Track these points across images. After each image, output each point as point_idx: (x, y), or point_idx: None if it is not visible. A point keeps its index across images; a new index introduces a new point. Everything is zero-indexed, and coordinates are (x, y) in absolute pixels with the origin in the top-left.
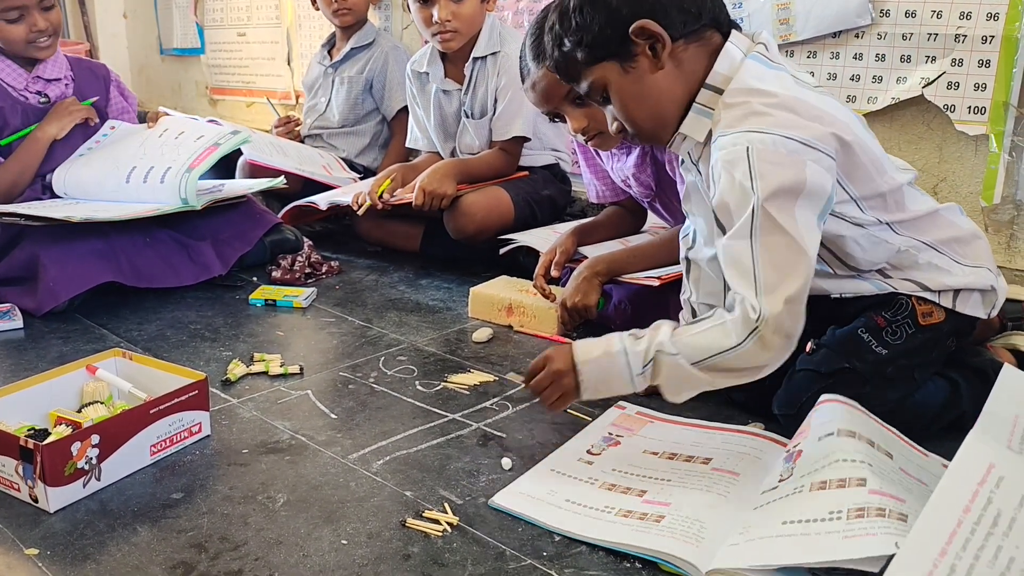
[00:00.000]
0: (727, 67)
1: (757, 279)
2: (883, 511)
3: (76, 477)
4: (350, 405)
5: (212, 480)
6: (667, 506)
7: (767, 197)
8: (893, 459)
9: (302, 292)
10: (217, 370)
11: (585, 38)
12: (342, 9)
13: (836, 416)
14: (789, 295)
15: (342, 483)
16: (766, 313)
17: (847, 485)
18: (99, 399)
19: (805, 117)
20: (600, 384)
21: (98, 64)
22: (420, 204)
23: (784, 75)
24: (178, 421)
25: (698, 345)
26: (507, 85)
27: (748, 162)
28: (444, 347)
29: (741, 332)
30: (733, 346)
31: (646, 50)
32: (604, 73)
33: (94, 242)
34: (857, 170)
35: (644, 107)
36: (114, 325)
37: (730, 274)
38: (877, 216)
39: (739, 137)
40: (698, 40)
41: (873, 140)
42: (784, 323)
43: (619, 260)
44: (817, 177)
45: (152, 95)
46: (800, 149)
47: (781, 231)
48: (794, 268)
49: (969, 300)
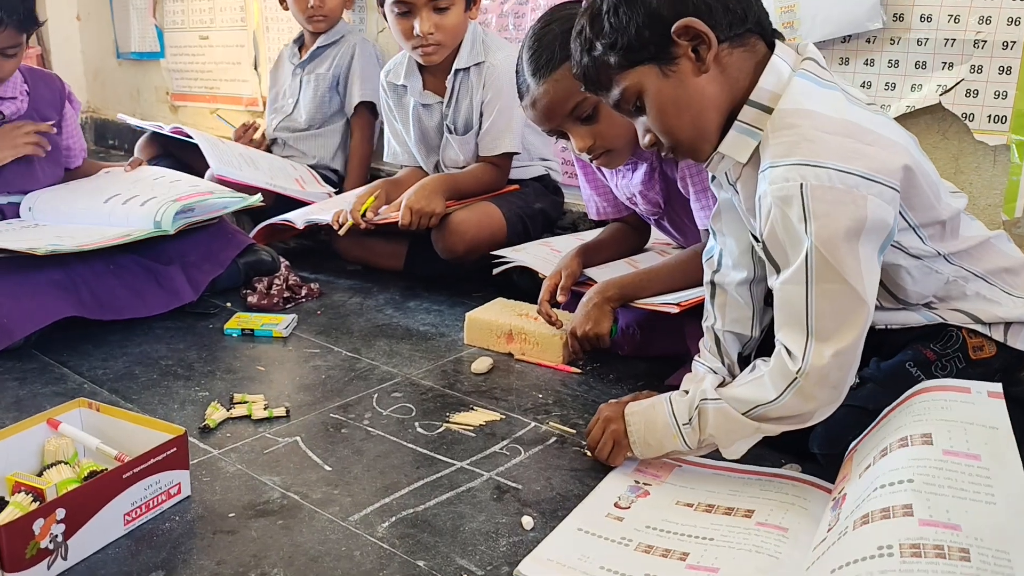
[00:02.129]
0: (774, 83)
1: (809, 328)
2: (941, 549)
3: (39, 559)
4: (345, 454)
5: (196, 552)
6: (716, 572)
7: (824, 241)
8: (933, 443)
9: (281, 319)
10: (193, 414)
11: (620, 40)
12: (317, 16)
13: (871, 444)
14: (839, 348)
15: (344, 552)
16: (807, 366)
17: (892, 515)
18: (63, 459)
19: (863, 143)
20: (649, 436)
21: (52, 75)
22: (407, 224)
23: (836, 94)
24: (155, 484)
25: (740, 397)
26: (493, 99)
27: (802, 201)
28: (441, 380)
29: (779, 385)
30: (772, 399)
31: (689, 52)
32: (640, 78)
33: (52, 272)
34: (917, 197)
35: (685, 115)
36: (76, 363)
37: (780, 318)
38: (935, 246)
39: (791, 172)
40: (742, 45)
41: (928, 162)
42: (830, 375)
43: (631, 284)
44: (878, 212)
45: (109, 101)
46: (860, 184)
47: (839, 278)
48: (851, 317)
49: (1021, 334)
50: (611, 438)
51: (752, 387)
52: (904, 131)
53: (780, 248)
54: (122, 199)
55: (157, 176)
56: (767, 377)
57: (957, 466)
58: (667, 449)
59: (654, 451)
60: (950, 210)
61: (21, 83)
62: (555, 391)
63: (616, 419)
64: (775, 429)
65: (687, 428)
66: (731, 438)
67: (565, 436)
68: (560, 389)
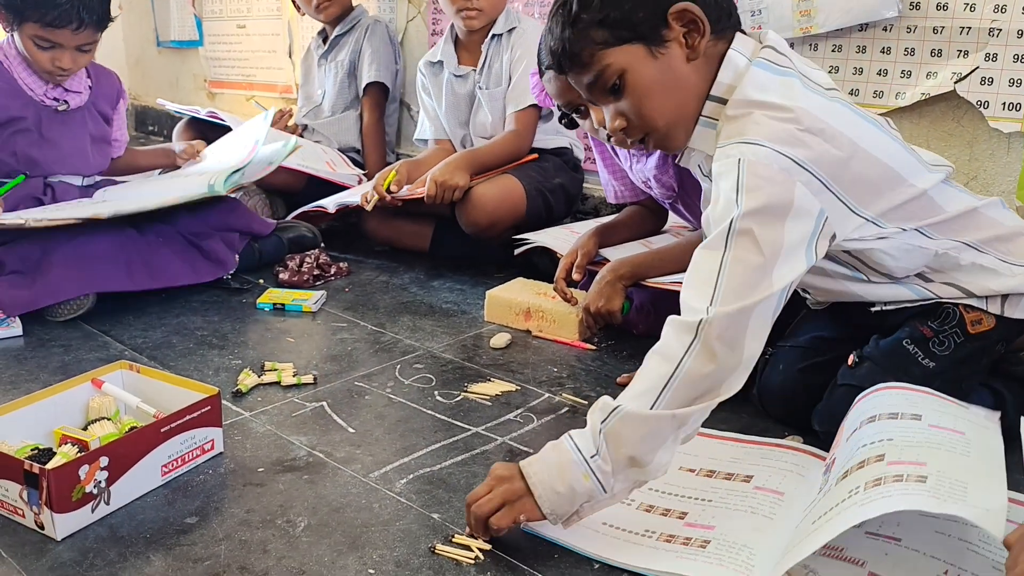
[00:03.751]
0: (730, 76)
1: (716, 289)
2: (900, 476)
3: (84, 502)
4: (367, 418)
5: (227, 502)
6: (711, 530)
7: (750, 212)
8: (922, 419)
9: (311, 296)
10: (227, 380)
11: (612, 15)
12: (322, 3)
13: (860, 412)
14: (742, 307)
15: (365, 505)
16: (711, 316)
17: (866, 465)
18: (106, 415)
19: (807, 131)
20: (556, 483)
21: (111, 73)
22: (432, 196)
23: (792, 80)
24: (190, 439)
25: (640, 390)
26: (522, 56)
27: (738, 174)
28: (461, 354)
29: (683, 341)
30: (674, 369)
31: (681, 37)
32: (627, 57)
33: (106, 243)
34: (864, 190)
35: (668, 100)
36: (117, 332)
37: (688, 282)
38: (900, 226)
39: (733, 149)
40: (723, 40)
41: (892, 145)
42: (728, 329)
43: (643, 263)
44: (804, 200)
45: (149, 89)
46: (792, 168)
47: (755, 250)
48: (756, 289)
49: (1019, 304)
50: (501, 496)
51: (647, 372)
52: (861, 118)
53: (708, 225)
54: (183, 176)
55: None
56: (667, 343)
57: (940, 435)
58: (579, 496)
59: (566, 501)
60: (912, 191)
61: (86, 77)
62: (570, 366)
63: (511, 476)
64: (690, 416)
65: (596, 460)
66: (650, 448)
67: (577, 407)
68: (575, 364)
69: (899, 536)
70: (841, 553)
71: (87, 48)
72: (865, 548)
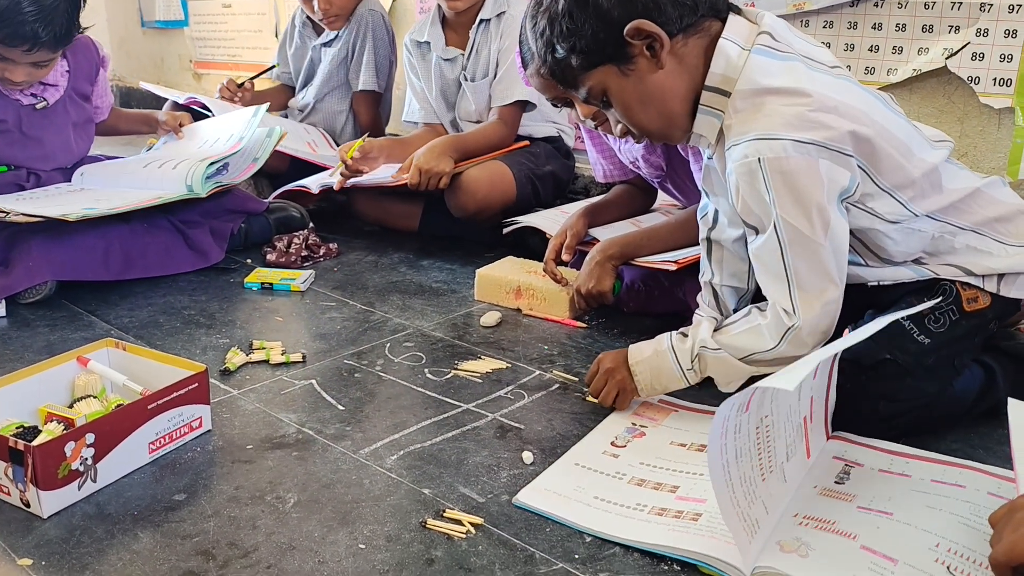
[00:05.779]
0: (723, 66)
1: (791, 285)
2: None
3: (70, 479)
4: (358, 395)
5: (216, 479)
6: (703, 503)
7: (787, 210)
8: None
9: (299, 275)
10: (215, 359)
11: (578, 44)
12: (329, 17)
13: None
14: (826, 299)
15: (355, 481)
16: (799, 319)
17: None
18: (92, 393)
19: (819, 111)
20: (655, 381)
21: (86, 42)
22: (415, 184)
23: (795, 64)
24: (178, 416)
25: (736, 345)
26: (510, 47)
27: (762, 174)
28: (451, 332)
29: (776, 335)
30: (769, 348)
31: (643, 51)
32: (603, 78)
33: (86, 231)
34: (882, 161)
35: (649, 109)
36: (103, 312)
37: (764, 279)
38: (914, 208)
39: (748, 147)
40: (697, 33)
41: (898, 120)
42: (820, 324)
43: (633, 243)
44: (832, 173)
45: (133, 69)
46: (811, 150)
47: (807, 240)
48: (827, 270)
49: (1015, 283)
50: (616, 387)
51: (749, 336)
52: (868, 94)
53: (754, 215)
54: (159, 163)
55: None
56: (764, 328)
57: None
58: (671, 388)
59: (659, 392)
60: (924, 165)
61: (62, 67)
62: (560, 343)
63: (619, 368)
64: (768, 370)
65: (690, 372)
66: (727, 379)
67: (568, 384)
68: (565, 342)
69: (890, 510)
70: (833, 527)
71: (44, 64)
72: (857, 522)
